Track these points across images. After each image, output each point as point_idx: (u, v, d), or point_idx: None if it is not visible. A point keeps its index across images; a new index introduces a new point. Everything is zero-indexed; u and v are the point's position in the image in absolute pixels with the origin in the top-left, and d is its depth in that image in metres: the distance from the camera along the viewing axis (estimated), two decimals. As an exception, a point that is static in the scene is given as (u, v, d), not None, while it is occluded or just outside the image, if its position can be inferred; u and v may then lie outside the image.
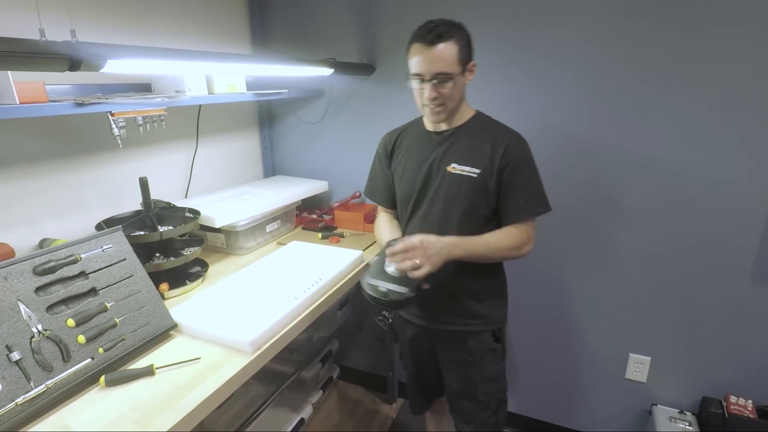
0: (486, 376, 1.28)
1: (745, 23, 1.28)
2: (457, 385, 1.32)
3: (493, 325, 1.27)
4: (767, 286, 1.44)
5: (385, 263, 1.10)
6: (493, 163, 1.15)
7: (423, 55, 1.07)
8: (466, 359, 1.27)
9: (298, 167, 2.09)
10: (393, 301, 1.03)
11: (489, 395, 1.29)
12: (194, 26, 1.63)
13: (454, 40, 1.07)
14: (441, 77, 1.08)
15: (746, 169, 1.38)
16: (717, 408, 1.54)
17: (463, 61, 1.10)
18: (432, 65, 1.07)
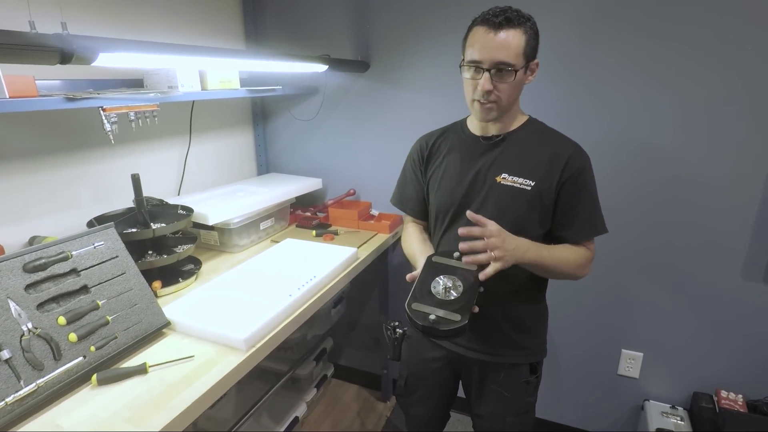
0: (517, 409, 1.17)
1: (736, 22, 1.30)
2: (484, 412, 1.20)
3: (533, 358, 1.15)
4: (757, 282, 1.46)
5: (432, 283, 0.97)
6: (551, 175, 1.02)
7: (486, 39, 0.93)
8: (499, 392, 1.15)
9: (292, 164, 2.08)
10: (445, 331, 0.88)
11: (517, 426, 1.17)
12: (186, 21, 1.61)
13: (524, 29, 0.94)
14: (502, 67, 0.94)
15: (739, 167, 1.40)
16: (708, 403, 1.55)
17: (528, 56, 0.97)
18: (494, 52, 0.93)
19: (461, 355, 1.16)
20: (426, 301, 0.93)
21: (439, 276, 0.97)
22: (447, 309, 0.90)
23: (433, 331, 0.89)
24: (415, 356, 1.27)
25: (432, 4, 1.62)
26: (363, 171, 1.94)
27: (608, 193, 1.54)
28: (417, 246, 1.17)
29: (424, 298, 0.94)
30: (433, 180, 1.16)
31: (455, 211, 1.10)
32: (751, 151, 1.37)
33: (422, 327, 0.89)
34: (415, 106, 1.76)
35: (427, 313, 0.90)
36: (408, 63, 1.72)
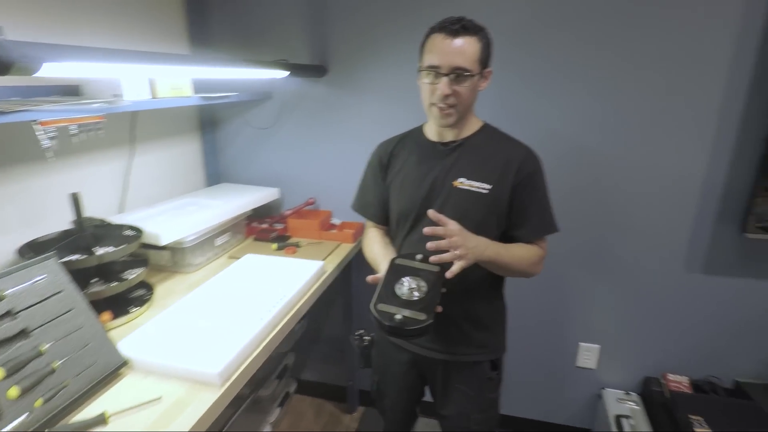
0: (481, 406, 1.20)
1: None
2: (449, 412, 1.22)
3: (493, 354, 1.20)
4: (697, 273, 1.59)
5: (396, 284, 0.97)
6: (506, 179, 1.07)
7: (444, 45, 0.98)
8: (463, 390, 1.19)
9: (245, 174, 1.96)
10: (411, 330, 0.89)
11: (482, 424, 1.21)
12: (122, 22, 1.45)
13: (479, 37, 1.00)
14: (459, 72, 0.98)
15: (678, 165, 1.51)
16: (657, 386, 1.68)
17: (483, 63, 1.02)
18: (452, 57, 0.98)
19: (425, 357, 1.19)
20: (391, 302, 0.94)
21: (403, 277, 0.99)
22: (412, 309, 0.92)
23: (400, 330, 0.90)
24: (383, 361, 1.30)
25: (392, 11, 1.60)
26: (322, 179, 1.88)
27: (556, 193, 1.61)
28: (379, 250, 1.19)
29: (389, 299, 0.95)
30: (394, 185, 1.19)
31: (416, 215, 1.13)
32: (688, 150, 1.49)
33: (389, 327, 0.90)
34: (375, 111, 1.72)
35: (393, 314, 0.91)
36: (368, 68, 1.69)
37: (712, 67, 1.40)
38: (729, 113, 1.42)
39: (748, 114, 1.41)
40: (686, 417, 1.41)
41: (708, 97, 1.43)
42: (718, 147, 1.46)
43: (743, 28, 1.34)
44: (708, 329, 1.63)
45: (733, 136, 1.44)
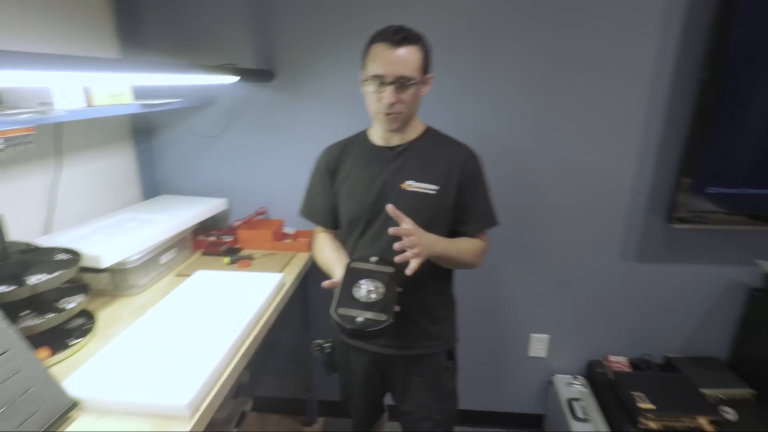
0: (441, 395, 1.26)
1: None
2: (410, 407, 1.27)
3: (448, 345, 1.26)
4: (630, 261, 1.74)
5: (353, 288, 1.00)
6: (451, 179, 1.14)
7: (387, 55, 1.01)
8: (422, 382, 1.23)
9: (187, 184, 1.84)
10: (373, 331, 0.92)
11: (444, 413, 1.27)
12: (38, 22, 1.30)
13: (420, 45, 1.05)
14: (404, 81, 1.03)
15: (614, 165, 1.65)
16: (600, 368, 1.82)
17: (424, 70, 1.08)
18: (396, 67, 1.02)
19: (383, 354, 1.22)
20: (351, 306, 0.97)
21: (359, 280, 1.02)
22: (372, 310, 0.96)
23: (362, 333, 0.93)
24: (345, 363, 1.33)
25: (339, 16, 1.58)
26: (272, 187, 1.81)
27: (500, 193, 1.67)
28: (331, 254, 1.21)
29: (348, 303, 0.98)
30: (343, 190, 1.21)
31: (368, 218, 1.17)
32: (619, 150, 1.62)
33: (351, 330, 0.93)
34: (325, 117, 1.69)
35: (354, 317, 0.94)
36: (317, 73, 1.65)
37: (636, 74, 1.54)
38: (653, 115, 1.57)
39: (670, 116, 1.56)
40: (629, 393, 1.54)
41: (634, 101, 1.57)
42: (646, 147, 1.61)
43: (662, 38, 1.49)
44: (641, 312, 1.80)
45: (657, 136, 1.59)
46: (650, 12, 1.48)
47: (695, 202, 1.56)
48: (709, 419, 1.44)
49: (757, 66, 1.42)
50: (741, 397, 1.59)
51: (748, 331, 1.73)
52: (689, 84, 1.51)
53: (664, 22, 1.48)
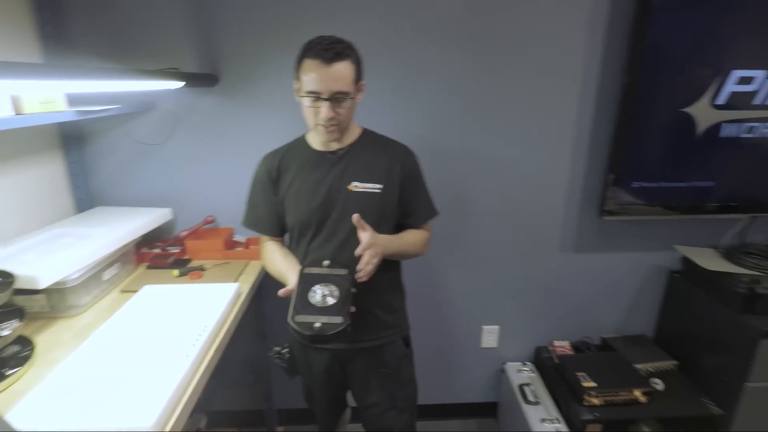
0: (403, 382, 1.32)
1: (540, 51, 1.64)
2: (375, 398, 1.30)
3: (403, 332, 1.33)
4: (568, 252, 1.89)
5: (309, 293, 1.02)
6: (392, 177, 1.20)
7: (321, 72, 1.04)
8: (384, 372, 1.28)
9: (126, 195, 1.73)
10: (333, 335, 0.95)
11: (406, 399, 1.33)
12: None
13: (351, 59, 1.08)
14: (339, 96, 1.07)
15: (551, 164, 1.77)
16: (546, 353, 1.95)
17: (357, 80, 1.12)
18: (331, 84, 1.05)
19: (344, 349, 1.26)
20: (307, 312, 0.99)
21: (314, 285, 1.05)
22: (328, 314, 0.98)
23: (320, 337, 0.96)
24: (306, 365, 1.34)
25: (285, 20, 1.56)
26: (220, 194, 1.75)
27: (448, 196, 1.76)
28: (283, 261, 1.22)
29: (305, 309, 1.00)
30: (289, 197, 1.22)
31: (317, 222, 1.19)
32: (555, 150, 1.75)
33: (310, 336, 0.96)
34: (274, 121, 1.66)
35: (312, 322, 0.96)
36: (264, 78, 1.62)
37: (567, 77, 1.66)
38: (583, 116, 1.71)
39: (598, 116, 1.71)
40: (574, 374, 1.66)
41: (566, 103, 1.69)
42: (577, 146, 1.75)
43: (589, 45, 1.62)
44: (579, 298, 1.95)
45: (587, 136, 1.73)
46: (577, 18, 1.60)
47: (622, 196, 1.72)
48: (642, 391, 1.59)
49: (669, 72, 1.59)
50: (666, 369, 1.78)
51: (669, 309, 1.94)
52: (614, 87, 1.66)
53: (590, 30, 1.61)
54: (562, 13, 1.59)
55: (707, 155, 1.69)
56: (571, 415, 1.61)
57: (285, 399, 2.03)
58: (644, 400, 1.60)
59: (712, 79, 1.60)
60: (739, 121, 1.65)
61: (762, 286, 1.54)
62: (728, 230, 1.86)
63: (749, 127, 1.66)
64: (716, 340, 1.67)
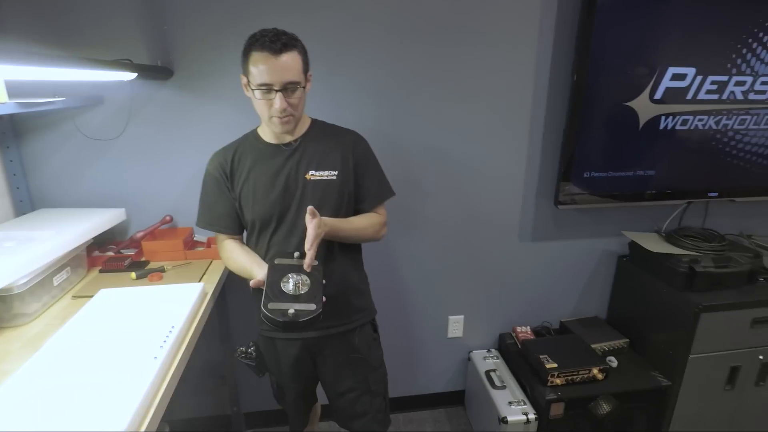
0: (373, 365, 1.34)
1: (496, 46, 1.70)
2: (349, 384, 1.32)
3: (371, 315, 1.36)
4: (526, 242, 1.97)
5: (281, 283, 1.04)
6: (346, 163, 1.23)
7: (270, 64, 1.05)
8: (356, 357, 1.30)
9: (72, 195, 1.62)
10: (306, 321, 0.97)
11: (379, 383, 1.35)
12: None
13: (298, 49, 1.10)
14: (291, 86, 1.09)
15: (509, 160, 1.84)
16: (510, 339, 2.03)
17: (306, 70, 1.14)
18: (282, 74, 1.06)
19: (314, 338, 1.26)
20: (280, 299, 1.01)
21: (286, 275, 1.06)
22: (301, 301, 1.00)
23: (294, 324, 0.97)
24: (274, 360, 1.34)
25: (241, 11, 1.53)
26: (177, 192, 1.68)
27: (415, 192, 1.80)
28: (245, 258, 1.23)
29: (277, 297, 1.01)
30: (245, 193, 1.22)
31: (279, 214, 1.20)
32: (512, 147, 1.83)
33: (283, 323, 0.97)
34: (231, 115, 1.60)
35: (285, 309, 0.98)
36: (220, 70, 1.57)
37: (520, 75, 1.74)
38: (536, 117, 1.80)
39: (550, 112, 1.80)
40: (537, 357, 1.74)
41: (520, 99, 1.77)
42: (532, 143, 1.83)
43: (540, 43, 1.71)
44: (538, 285, 2.04)
45: (540, 134, 1.82)
46: (528, 17, 1.67)
47: (575, 186, 1.82)
48: (599, 368, 1.69)
49: (613, 69, 1.70)
50: (619, 347, 1.90)
51: (619, 291, 2.07)
52: (564, 84, 1.75)
53: (540, 29, 1.69)
54: (513, 11, 1.66)
55: (648, 146, 1.82)
56: (536, 396, 1.68)
57: (252, 402, 1.98)
58: (601, 378, 1.70)
59: (650, 76, 1.73)
60: (675, 115, 1.80)
61: (700, 265, 1.68)
62: (668, 216, 2.01)
63: (683, 119, 1.82)
64: (661, 317, 1.81)
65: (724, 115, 1.83)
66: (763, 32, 1.73)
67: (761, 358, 1.75)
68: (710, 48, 1.73)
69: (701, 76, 1.75)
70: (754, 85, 1.81)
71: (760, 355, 1.75)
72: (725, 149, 1.88)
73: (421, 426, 2.06)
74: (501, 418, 1.66)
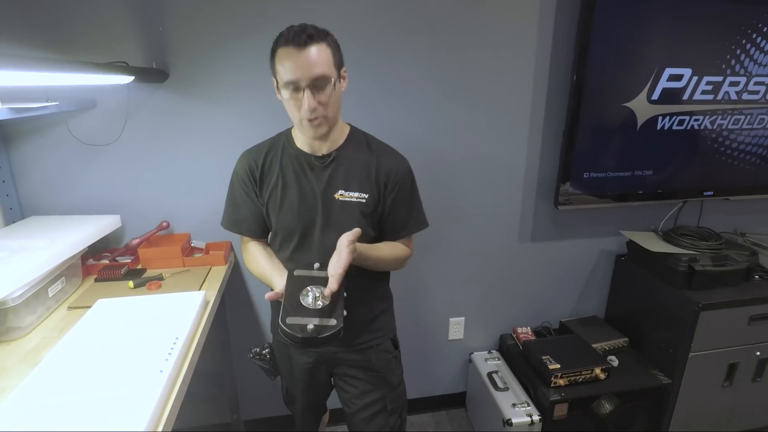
0: (392, 383, 1.28)
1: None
2: (365, 401, 1.26)
3: (390, 334, 1.29)
4: (526, 243, 1.97)
5: (300, 296, 0.97)
6: (378, 187, 1.14)
7: (296, 58, 0.95)
8: (373, 375, 1.25)
9: (63, 202, 1.57)
10: (325, 338, 0.91)
11: (396, 401, 1.29)
12: None
13: (327, 42, 0.99)
14: (319, 82, 0.97)
15: (508, 161, 1.84)
16: (510, 340, 2.03)
17: (338, 66, 1.02)
18: (309, 69, 0.95)
19: (332, 352, 1.22)
20: (299, 314, 0.94)
21: (305, 287, 1.00)
22: (321, 317, 0.94)
23: (313, 340, 0.91)
24: (287, 366, 1.30)
25: (239, 10, 1.49)
26: (174, 198, 1.64)
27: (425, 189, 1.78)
28: (267, 264, 1.17)
29: (296, 311, 0.95)
30: (273, 200, 1.15)
31: (302, 230, 1.14)
32: (512, 148, 1.82)
33: (302, 339, 0.91)
34: (228, 120, 1.57)
35: (304, 324, 0.92)
36: (218, 73, 1.54)
37: (521, 76, 1.73)
38: (535, 118, 1.79)
39: (548, 117, 1.80)
40: (539, 358, 1.74)
41: (521, 102, 1.76)
42: (531, 144, 1.82)
43: (538, 46, 1.70)
44: (538, 285, 2.05)
45: (539, 135, 1.82)
46: (527, 20, 1.67)
47: (574, 187, 1.83)
48: (601, 368, 1.70)
49: (612, 69, 1.70)
50: (619, 346, 1.91)
51: (617, 289, 2.09)
52: (563, 86, 1.75)
53: (538, 31, 1.68)
54: (512, 13, 1.65)
55: (646, 147, 1.83)
56: (540, 397, 1.68)
57: (252, 409, 1.95)
58: (603, 377, 1.71)
59: (648, 77, 1.74)
60: (671, 115, 1.82)
61: (699, 264, 1.70)
62: (664, 215, 2.03)
63: (680, 119, 1.83)
64: (661, 315, 1.82)
65: (719, 115, 1.85)
66: (756, 33, 1.76)
67: (758, 354, 1.78)
68: (705, 49, 1.74)
69: (697, 76, 1.77)
70: (748, 85, 1.83)
71: (757, 351, 1.78)
72: (720, 149, 1.91)
73: (423, 428, 2.05)
74: (505, 420, 1.66)
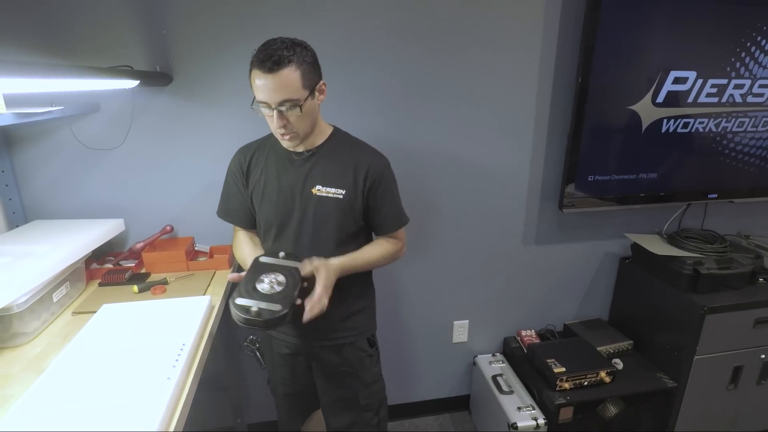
0: (366, 381, 1.32)
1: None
2: (337, 396, 1.32)
3: (366, 333, 1.33)
4: (531, 245, 1.97)
5: (257, 281, 1.02)
6: (356, 184, 1.17)
7: (264, 83, 0.99)
8: (346, 371, 1.29)
9: (66, 207, 1.56)
10: (267, 321, 0.94)
11: (370, 398, 1.33)
12: None
13: (295, 63, 0.99)
14: (287, 105, 1.02)
15: (512, 164, 1.83)
16: (515, 343, 2.02)
17: (310, 84, 1.04)
18: (275, 93, 1.00)
19: (309, 346, 1.28)
20: (251, 296, 0.99)
21: (263, 274, 1.04)
22: (268, 301, 0.97)
23: (255, 321, 0.94)
24: (269, 355, 1.37)
25: (241, 14, 1.48)
26: (177, 201, 1.63)
27: (420, 199, 1.79)
28: (248, 251, 1.24)
29: (249, 294, 0.99)
30: (256, 193, 1.22)
31: (280, 222, 1.20)
32: (516, 151, 1.81)
33: (244, 319, 0.95)
34: (231, 122, 1.56)
35: (249, 306, 0.95)
36: (220, 76, 1.53)
37: (526, 78, 1.73)
38: (540, 120, 1.79)
39: (553, 120, 1.79)
40: (544, 361, 1.73)
41: (525, 107, 1.76)
42: (536, 146, 1.82)
43: (544, 47, 1.70)
44: (542, 288, 2.04)
45: (544, 137, 1.81)
46: (532, 22, 1.66)
47: (579, 189, 1.82)
48: (606, 371, 1.70)
49: (617, 72, 1.70)
50: (624, 349, 1.91)
51: (621, 292, 2.08)
52: (568, 88, 1.75)
53: (543, 33, 1.68)
54: (517, 14, 1.64)
55: (651, 149, 1.83)
56: (545, 400, 1.68)
57: (256, 413, 1.95)
58: (608, 380, 1.70)
59: (653, 79, 1.73)
60: (676, 118, 1.81)
61: (704, 267, 1.70)
62: (668, 217, 2.03)
63: (684, 122, 1.83)
64: (666, 318, 1.82)
65: (724, 118, 1.85)
66: (761, 36, 1.75)
67: (763, 357, 1.78)
68: (710, 51, 1.74)
69: (702, 79, 1.77)
70: (752, 88, 1.83)
71: (762, 354, 1.77)
72: (724, 151, 1.90)
73: (427, 431, 2.05)
74: (511, 424, 1.65)
